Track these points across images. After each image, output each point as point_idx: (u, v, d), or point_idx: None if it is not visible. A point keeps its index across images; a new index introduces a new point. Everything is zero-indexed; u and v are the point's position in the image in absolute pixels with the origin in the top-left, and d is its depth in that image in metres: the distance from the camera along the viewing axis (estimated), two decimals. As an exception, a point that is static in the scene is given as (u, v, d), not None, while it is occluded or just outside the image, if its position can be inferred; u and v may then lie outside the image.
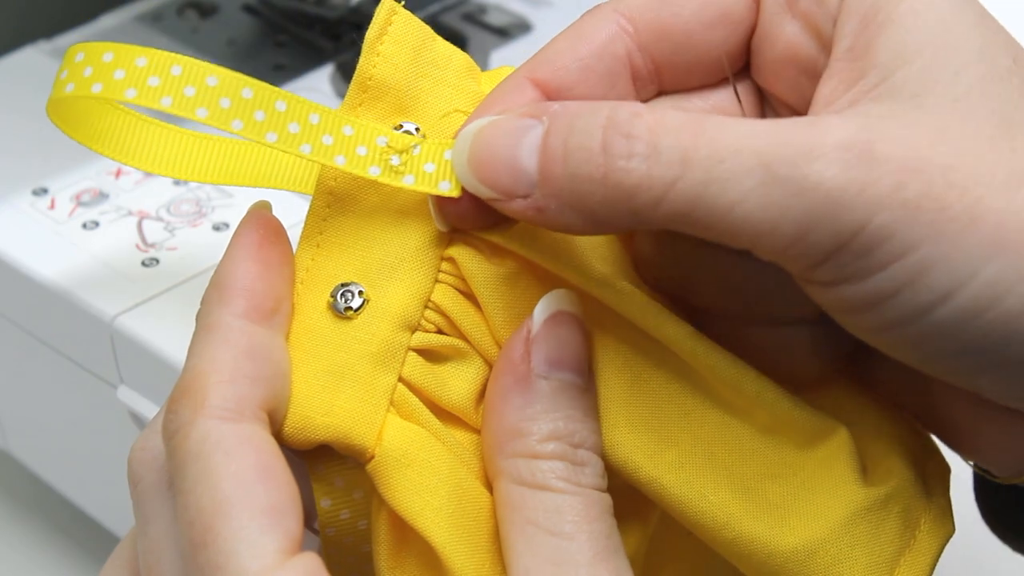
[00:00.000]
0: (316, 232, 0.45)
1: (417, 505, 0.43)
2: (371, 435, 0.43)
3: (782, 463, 0.46)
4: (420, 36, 0.46)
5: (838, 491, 0.45)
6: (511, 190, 0.42)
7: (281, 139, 0.44)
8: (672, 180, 0.40)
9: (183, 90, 0.43)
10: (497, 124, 0.43)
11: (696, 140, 0.41)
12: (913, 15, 0.42)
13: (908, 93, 0.42)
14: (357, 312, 0.44)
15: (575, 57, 0.45)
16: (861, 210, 0.40)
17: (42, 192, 0.66)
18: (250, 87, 0.43)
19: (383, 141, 0.44)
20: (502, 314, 0.45)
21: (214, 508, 0.40)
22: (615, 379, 0.45)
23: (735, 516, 0.44)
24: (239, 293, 0.43)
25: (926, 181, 0.40)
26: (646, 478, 0.45)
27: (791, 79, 0.45)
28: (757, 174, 0.40)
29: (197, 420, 0.41)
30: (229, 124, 0.43)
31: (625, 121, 0.41)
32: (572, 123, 0.42)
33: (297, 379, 0.44)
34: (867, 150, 0.40)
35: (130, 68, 0.43)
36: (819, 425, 0.46)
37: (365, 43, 0.46)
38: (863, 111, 0.42)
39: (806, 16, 0.44)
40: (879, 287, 0.41)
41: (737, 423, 0.46)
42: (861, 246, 0.40)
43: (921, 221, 0.40)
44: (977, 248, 0.40)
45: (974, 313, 0.40)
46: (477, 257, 0.45)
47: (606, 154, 0.41)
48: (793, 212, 0.40)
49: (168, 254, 0.62)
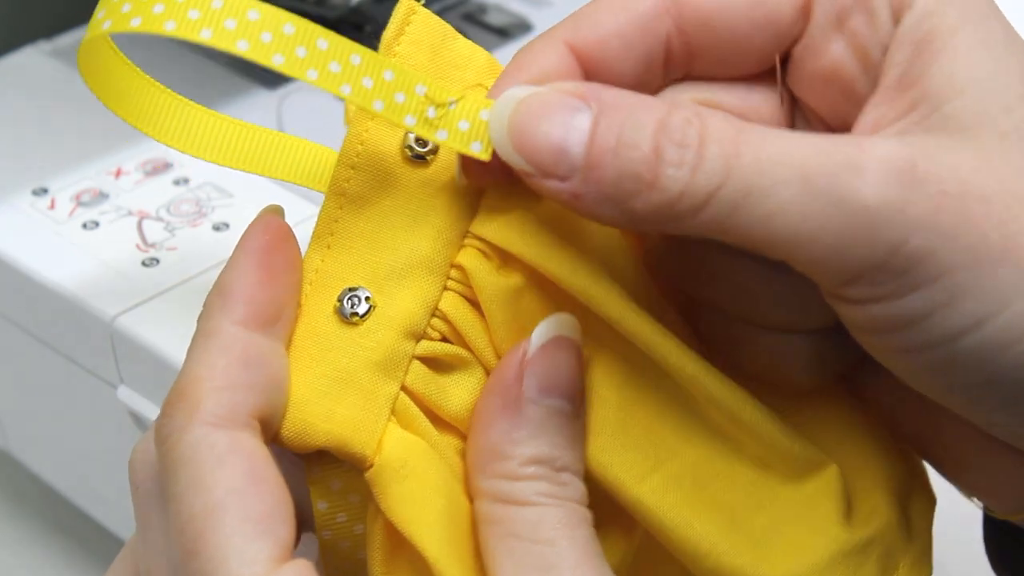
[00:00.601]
0: (327, 233, 0.45)
1: (413, 517, 0.43)
2: (371, 444, 0.43)
3: (769, 495, 0.45)
4: (440, 36, 0.46)
5: (821, 530, 0.45)
6: (550, 169, 0.42)
7: (322, 77, 0.43)
8: (714, 188, 0.40)
9: (223, 23, 0.42)
10: (543, 98, 0.42)
11: (739, 149, 0.40)
12: (967, 48, 0.42)
13: (957, 126, 0.41)
14: (363, 318, 0.44)
15: (618, 32, 0.44)
16: (899, 229, 0.40)
17: (42, 192, 0.66)
18: (292, 23, 0.43)
19: (422, 90, 0.43)
20: (504, 327, 0.44)
21: (204, 515, 0.40)
22: (610, 396, 0.45)
23: (717, 547, 0.44)
24: (240, 300, 0.43)
25: (964, 208, 0.40)
26: (632, 499, 0.44)
27: (828, 95, 0.45)
28: (797, 185, 0.40)
29: (189, 426, 0.41)
30: (270, 58, 0.42)
31: (678, 128, 0.41)
32: (625, 119, 0.41)
33: (299, 383, 0.43)
34: (909, 169, 0.40)
35: (169, 1, 0.42)
36: (811, 459, 0.46)
37: (381, 44, 0.45)
38: (912, 137, 0.41)
39: (855, 36, 0.44)
40: (910, 308, 0.41)
41: (728, 451, 0.45)
42: (897, 265, 0.40)
43: (957, 246, 0.40)
44: (1010, 279, 0.40)
45: (1003, 345, 0.40)
46: (486, 267, 0.45)
47: (657, 158, 0.41)
48: (832, 225, 0.40)
49: (168, 254, 0.62)
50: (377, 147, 0.45)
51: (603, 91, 0.42)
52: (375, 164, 0.45)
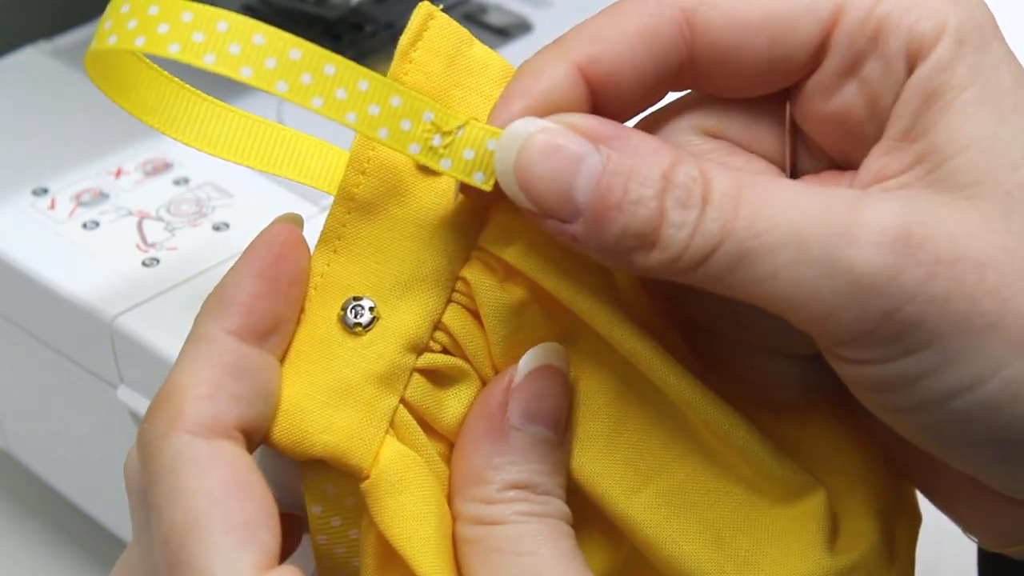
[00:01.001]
0: (334, 237, 0.45)
1: (407, 533, 0.43)
2: (368, 456, 0.43)
3: (755, 517, 0.45)
4: (456, 42, 0.45)
5: (806, 555, 0.45)
6: (553, 211, 0.42)
7: (327, 105, 0.42)
8: (711, 249, 0.41)
9: (227, 47, 0.42)
10: (552, 138, 0.42)
11: (737, 211, 0.41)
12: (976, 104, 0.42)
13: (961, 182, 0.41)
14: (366, 329, 0.44)
15: (634, 63, 0.43)
16: (891, 298, 0.40)
17: (42, 192, 0.66)
18: (298, 48, 0.42)
19: (429, 117, 0.43)
20: (504, 343, 0.44)
21: (187, 524, 0.40)
22: (602, 411, 0.45)
23: (702, 567, 0.44)
24: (236, 308, 0.43)
25: (958, 275, 0.40)
26: (621, 514, 0.44)
27: (833, 134, 0.45)
28: (792, 251, 0.40)
29: (171, 434, 0.41)
30: (273, 85, 0.42)
31: (683, 185, 0.41)
32: (632, 170, 0.41)
33: (299, 390, 0.43)
34: (903, 237, 0.40)
35: (175, 22, 0.42)
36: (800, 483, 0.46)
37: (398, 49, 0.45)
38: (912, 195, 0.42)
39: (867, 83, 0.43)
40: (902, 371, 0.41)
41: (717, 471, 0.45)
42: (888, 332, 0.40)
43: (950, 314, 0.40)
44: (1002, 346, 0.40)
45: (993, 408, 0.41)
46: (490, 281, 0.44)
47: (662, 218, 0.41)
48: (823, 292, 0.40)
49: (168, 254, 0.62)
50: (388, 153, 0.44)
51: (612, 133, 0.42)
52: (385, 171, 0.44)
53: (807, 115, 0.45)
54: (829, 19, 0.43)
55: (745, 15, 0.43)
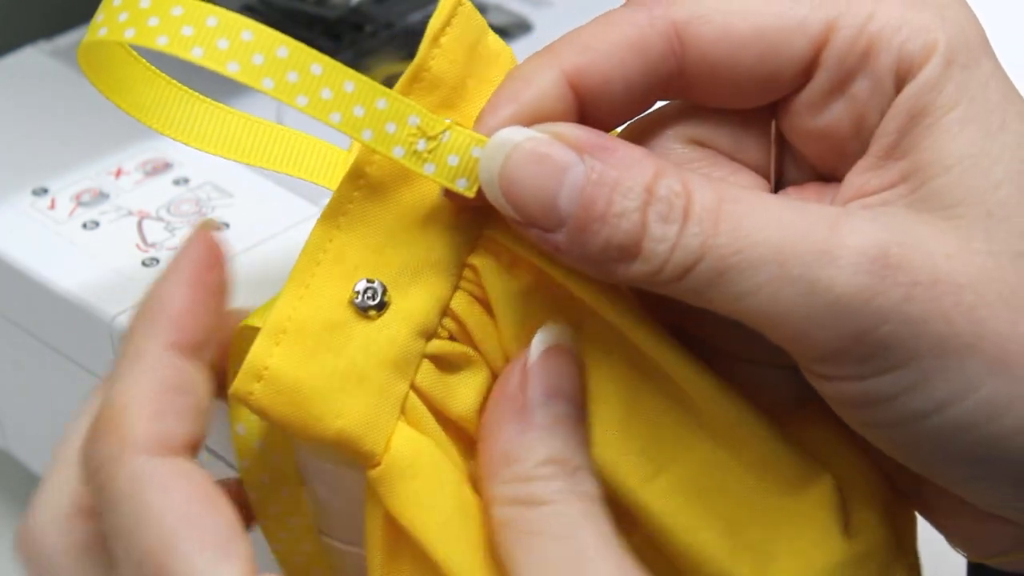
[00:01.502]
0: (339, 213, 0.44)
1: (420, 518, 0.43)
2: (380, 442, 0.43)
3: (767, 507, 0.45)
4: (478, 31, 0.45)
5: (820, 543, 0.45)
6: (536, 221, 0.42)
7: (312, 104, 0.42)
8: (691, 264, 0.41)
9: (216, 42, 0.42)
10: (537, 147, 0.42)
11: (717, 227, 0.41)
12: (961, 123, 0.42)
13: (943, 202, 0.42)
14: (380, 313, 0.44)
15: (623, 75, 0.44)
16: (867, 318, 0.40)
17: (42, 192, 0.66)
18: (286, 46, 0.42)
19: (415, 121, 0.43)
20: (512, 328, 0.44)
21: (162, 546, 0.40)
22: (614, 399, 0.45)
23: (718, 554, 0.44)
24: (171, 323, 0.43)
25: (936, 297, 0.40)
26: (637, 501, 0.44)
27: (819, 149, 0.45)
28: (770, 269, 0.40)
29: (124, 457, 0.41)
30: (260, 82, 0.42)
31: (665, 199, 0.41)
32: (615, 183, 0.41)
33: (309, 373, 0.43)
34: (881, 257, 0.40)
35: (165, 16, 0.42)
36: (806, 470, 0.46)
37: (428, 33, 0.44)
38: (893, 213, 0.42)
39: (856, 99, 0.44)
40: (877, 389, 0.41)
41: (727, 459, 0.45)
42: (864, 351, 0.41)
43: (926, 335, 0.40)
44: (978, 366, 0.41)
45: (968, 426, 0.41)
46: (497, 268, 0.45)
47: (644, 232, 0.41)
48: (801, 311, 0.40)
49: (168, 254, 0.62)
50: None
51: (598, 144, 0.42)
52: None
53: (794, 129, 0.45)
54: (820, 36, 0.43)
55: (736, 30, 0.43)
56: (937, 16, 0.43)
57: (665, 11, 0.44)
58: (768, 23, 0.43)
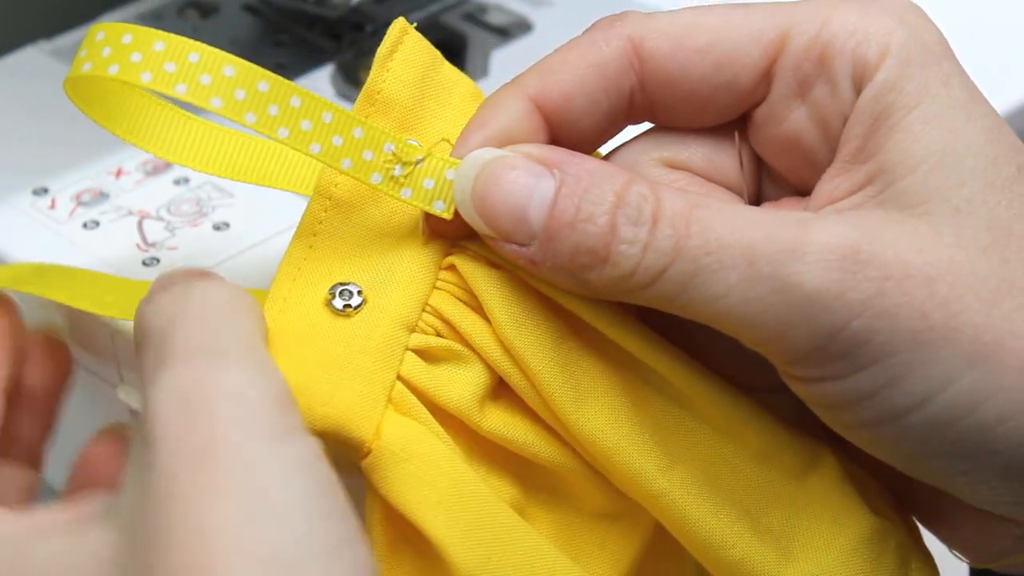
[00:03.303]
0: (310, 233, 0.45)
1: (416, 499, 0.43)
2: (369, 429, 0.43)
3: (778, 494, 0.46)
4: (429, 59, 0.47)
5: (837, 520, 0.45)
6: (510, 235, 0.43)
7: (292, 136, 0.43)
8: (663, 268, 0.41)
9: (199, 78, 0.43)
10: (507, 164, 0.43)
11: (688, 229, 0.41)
12: (923, 123, 0.42)
13: (911, 201, 0.42)
14: (356, 310, 0.44)
15: (583, 90, 0.45)
16: (840, 313, 0.41)
17: (42, 192, 0.66)
18: (266, 80, 0.43)
19: (390, 148, 0.44)
20: (506, 314, 0.45)
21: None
22: (620, 400, 0.45)
23: (743, 537, 0.45)
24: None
25: (907, 290, 0.41)
26: (657, 491, 0.45)
27: (789, 160, 0.45)
28: (742, 269, 0.41)
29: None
30: (242, 116, 0.43)
31: (634, 204, 0.42)
32: (585, 191, 0.42)
33: (295, 368, 0.43)
34: (851, 254, 0.41)
35: (147, 52, 0.43)
36: (810, 455, 0.46)
37: (376, 58, 0.46)
38: (863, 215, 0.42)
39: (816, 105, 0.44)
40: (856, 387, 0.41)
41: (733, 454, 0.46)
42: (839, 348, 0.41)
43: (899, 328, 0.41)
44: (953, 359, 0.41)
45: (949, 420, 0.41)
46: (478, 265, 0.45)
47: (612, 235, 0.42)
48: (774, 309, 0.41)
49: (168, 254, 0.62)
50: None
51: (566, 159, 0.43)
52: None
53: (763, 142, 0.46)
54: (774, 45, 0.44)
55: (691, 41, 0.44)
56: (893, 20, 0.43)
57: (621, 30, 0.45)
58: (722, 34, 0.44)
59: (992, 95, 0.46)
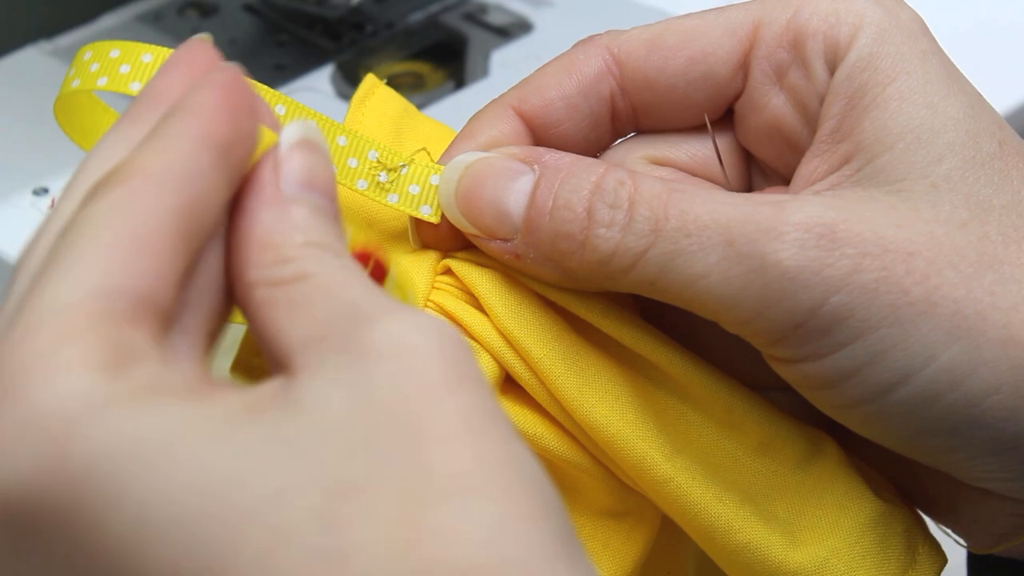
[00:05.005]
0: None
1: None
2: None
3: (782, 484, 0.46)
4: (402, 105, 0.48)
5: (843, 506, 0.45)
6: (493, 231, 0.43)
7: None
8: (643, 250, 0.41)
9: None
10: (489, 163, 0.44)
11: (667, 212, 0.41)
12: (899, 99, 0.43)
13: (888, 178, 0.42)
14: None
15: (563, 96, 0.45)
16: (818, 290, 0.41)
17: (42, 192, 0.66)
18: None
19: (374, 155, 0.45)
20: (504, 307, 0.45)
21: None
22: (623, 389, 0.45)
23: (749, 521, 0.45)
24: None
25: (885, 265, 0.41)
26: (663, 476, 0.45)
27: (773, 147, 0.46)
28: (720, 249, 0.41)
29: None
30: None
31: (611, 189, 0.42)
32: (563, 181, 0.42)
33: None
34: (828, 232, 0.41)
35: (135, 63, 0.44)
36: (810, 443, 0.46)
37: (353, 101, 0.47)
38: (839, 194, 0.42)
39: (793, 90, 0.44)
40: (838, 366, 0.41)
41: (734, 446, 0.46)
42: (818, 325, 0.41)
43: (878, 304, 0.41)
44: (934, 333, 0.41)
45: (934, 395, 0.41)
46: (471, 264, 0.45)
47: (590, 219, 0.42)
48: (752, 288, 0.41)
49: (168, 254, 0.62)
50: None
51: (546, 154, 0.43)
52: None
53: (747, 133, 0.46)
54: (748, 36, 0.45)
55: (664, 41, 0.45)
56: (866, 1, 0.44)
57: (598, 41, 0.45)
58: (696, 31, 0.45)
59: (992, 95, 0.46)
